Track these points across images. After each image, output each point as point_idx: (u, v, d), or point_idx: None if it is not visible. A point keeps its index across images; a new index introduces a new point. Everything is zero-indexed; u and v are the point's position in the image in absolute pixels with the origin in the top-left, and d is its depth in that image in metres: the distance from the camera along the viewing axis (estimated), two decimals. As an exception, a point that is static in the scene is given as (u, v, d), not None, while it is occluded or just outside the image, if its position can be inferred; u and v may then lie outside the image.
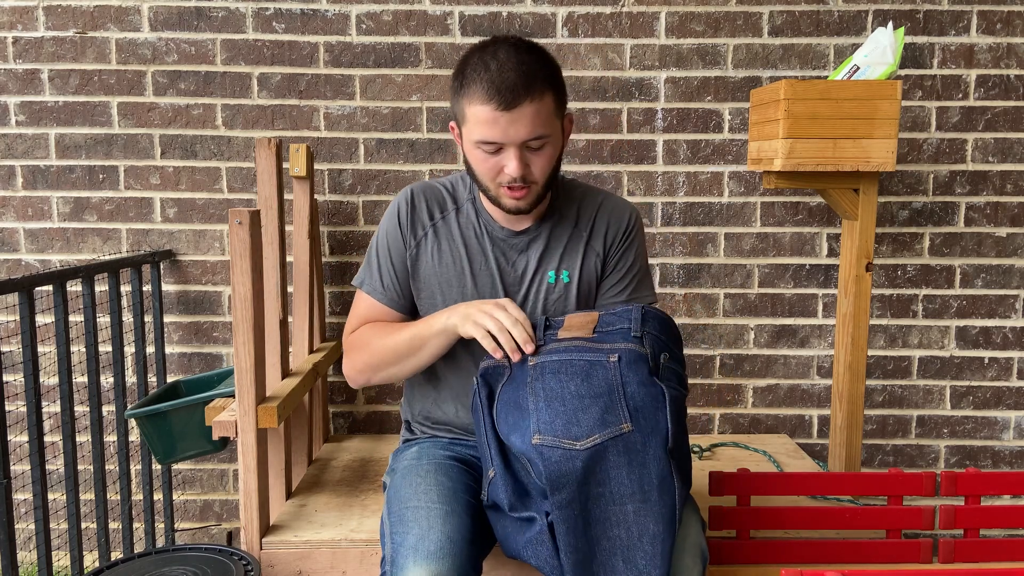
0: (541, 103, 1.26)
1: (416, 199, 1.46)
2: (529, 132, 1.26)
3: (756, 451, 2.22)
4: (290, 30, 2.25)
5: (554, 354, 1.25)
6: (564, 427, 1.16)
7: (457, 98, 1.30)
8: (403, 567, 1.16)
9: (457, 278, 1.44)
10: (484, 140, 1.27)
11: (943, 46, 2.28)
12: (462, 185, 1.49)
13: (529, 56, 1.26)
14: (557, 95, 1.30)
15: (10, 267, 2.31)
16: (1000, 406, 2.40)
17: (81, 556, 1.91)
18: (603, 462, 1.14)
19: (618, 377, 1.19)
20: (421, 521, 1.22)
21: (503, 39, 1.29)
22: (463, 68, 1.28)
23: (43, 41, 2.24)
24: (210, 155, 2.29)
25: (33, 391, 1.72)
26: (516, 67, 1.23)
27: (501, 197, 1.34)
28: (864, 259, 1.93)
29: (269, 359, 1.81)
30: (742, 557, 1.56)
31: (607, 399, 1.17)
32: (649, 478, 1.15)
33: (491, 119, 1.24)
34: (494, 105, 1.23)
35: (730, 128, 2.30)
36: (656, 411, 1.17)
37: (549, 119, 1.29)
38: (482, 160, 1.31)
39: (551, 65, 1.30)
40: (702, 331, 2.37)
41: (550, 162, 1.33)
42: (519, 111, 1.24)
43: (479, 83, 1.24)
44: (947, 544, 1.59)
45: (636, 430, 1.15)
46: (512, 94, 1.22)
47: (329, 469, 2.06)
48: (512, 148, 1.27)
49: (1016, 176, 2.33)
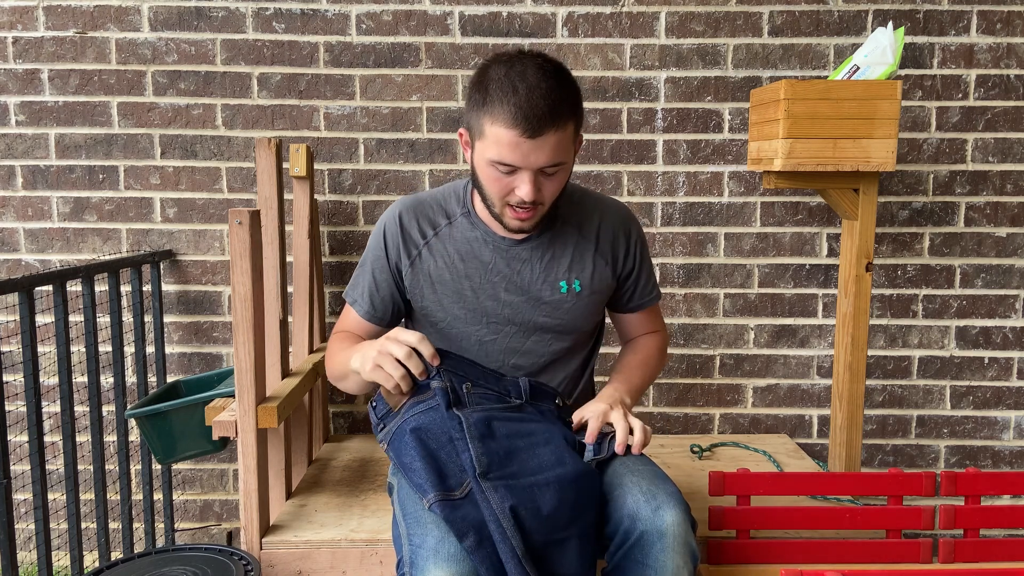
0: (564, 132, 1.25)
1: (406, 219, 1.45)
2: (548, 160, 1.26)
3: (756, 451, 2.22)
4: (290, 30, 2.25)
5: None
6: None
7: (477, 112, 1.27)
8: (423, 569, 1.15)
9: (457, 292, 1.43)
10: (502, 162, 1.26)
11: (943, 46, 2.28)
12: (455, 198, 1.47)
13: (556, 82, 1.24)
14: (577, 122, 1.30)
15: (10, 267, 2.31)
16: (1000, 406, 2.40)
17: (81, 556, 1.91)
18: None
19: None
20: (440, 523, 1.21)
21: (530, 57, 1.26)
22: (486, 83, 1.25)
23: (43, 41, 2.24)
24: (210, 155, 2.29)
25: (33, 391, 1.72)
26: (545, 95, 1.21)
27: (505, 216, 1.34)
28: (864, 259, 1.93)
29: (269, 359, 1.81)
30: (742, 557, 1.56)
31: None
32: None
33: (513, 143, 1.23)
34: (519, 131, 1.21)
35: (730, 128, 2.30)
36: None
37: (568, 146, 1.28)
38: (494, 179, 1.29)
39: (576, 93, 1.28)
40: (702, 331, 2.37)
41: (561, 185, 1.34)
42: (542, 139, 1.23)
43: (505, 105, 1.21)
44: (947, 544, 1.59)
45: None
46: (539, 123, 1.21)
47: (329, 469, 2.06)
48: (527, 172, 1.26)
49: (1016, 176, 2.33)
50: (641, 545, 1.20)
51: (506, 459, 1.23)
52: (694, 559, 1.23)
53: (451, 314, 1.44)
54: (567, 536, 1.21)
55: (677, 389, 2.40)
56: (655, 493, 1.23)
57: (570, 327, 1.46)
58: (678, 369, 2.39)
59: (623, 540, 1.23)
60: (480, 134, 1.27)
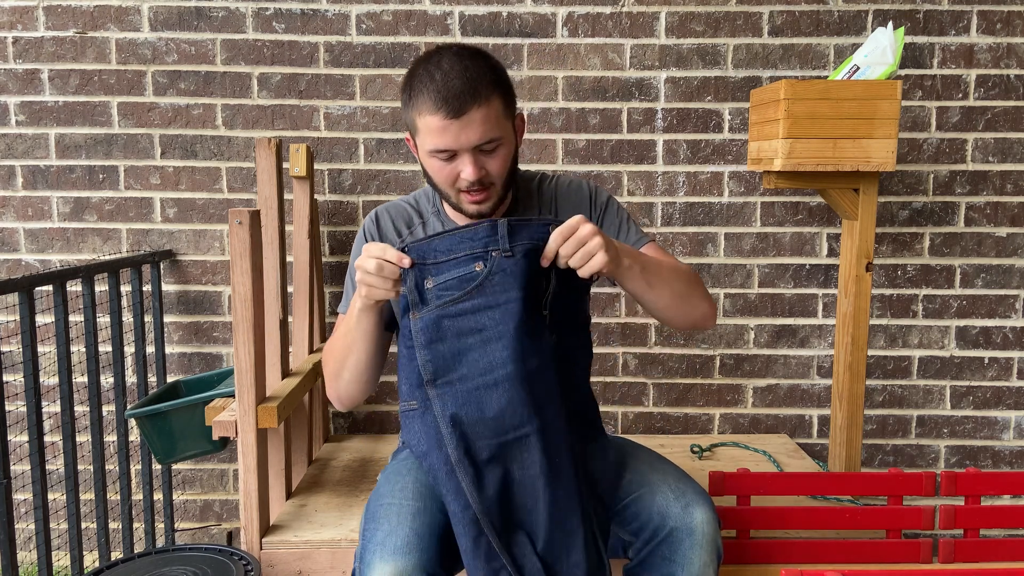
0: (489, 107, 1.27)
1: (381, 220, 1.48)
2: (480, 136, 1.27)
3: (756, 451, 2.22)
4: (290, 30, 2.25)
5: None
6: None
7: (407, 110, 1.31)
8: (370, 563, 1.17)
9: None
10: (437, 149, 1.28)
11: (943, 46, 2.28)
12: (425, 199, 1.51)
13: (472, 62, 1.27)
14: (505, 97, 1.31)
15: (10, 267, 2.31)
16: (1000, 406, 2.40)
17: (81, 556, 1.91)
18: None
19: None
20: (391, 517, 1.23)
21: (446, 48, 1.30)
22: (410, 81, 1.30)
23: (43, 41, 2.24)
24: (210, 155, 2.29)
25: (33, 391, 1.72)
26: (461, 74, 1.25)
27: (462, 203, 1.36)
28: (864, 259, 1.93)
29: (269, 359, 1.81)
30: (742, 557, 1.56)
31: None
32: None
33: (441, 127, 1.26)
34: (443, 114, 1.24)
35: (730, 128, 2.30)
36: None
37: (499, 121, 1.30)
38: (439, 168, 1.32)
39: (496, 69, 1.31)
40: (702, 331, 2.37)
41: (505, 163, 1.34)
42: (468, 117, 1.25)
43: (426, 94, 1.25)
44: (947, 544, 1.59)
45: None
46: (459, 101, 1.24)
47: (329, 469, 2.06)
48: (466, 154, 1.29)
49: (1016, 176, 2.33)
50: (670, 542, 1.22)
51: (453, 362, 1.23)
52: (719, 557, 1.26)
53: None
54: (523, 434, 1.20)
55: (677, 389, 2.40)
56: (683, 491, 1.27)
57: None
58: (678, 369, 2.39)
59: (651, 536, 1.25)
60: (415, 130, 1.31)
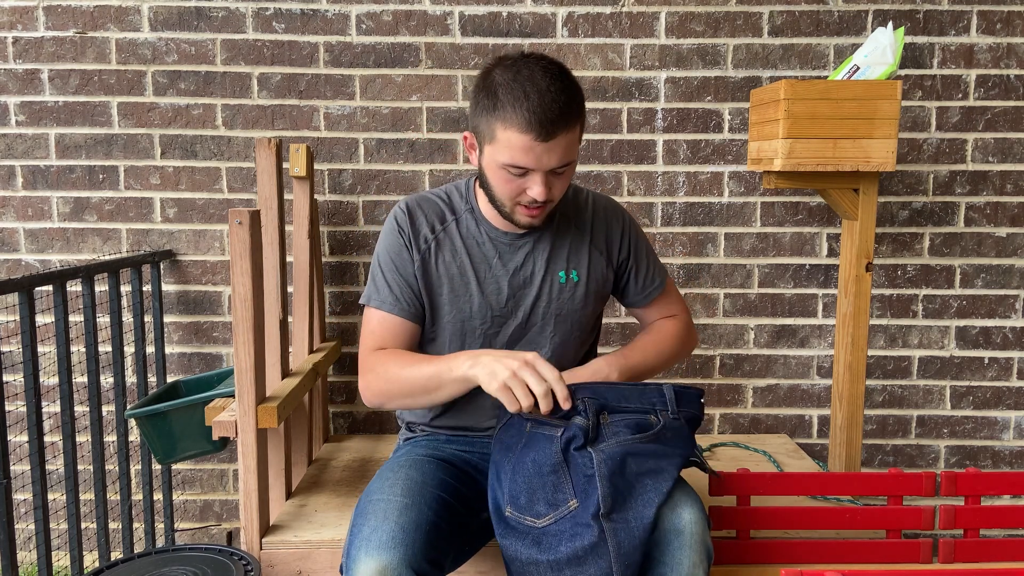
0: (573, 133, 1.30)
1: (414, 212, 1.47)
2: (559, 160, 1.30)
3: (756, 451, 2.22)
4: (290, 30, 2.25)
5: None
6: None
7: (487, 117, 1.29)
8: (356, 558, 1.18)
9: (464, 288, 1.45)
10: (515, 165, 1.29)
11: (943, 46, 2.28)
12: (458, 195, 1.50)
13: (564, 85, 1.27)
14: (583, 121, 1.34)
15: (10, 267, 2.31)
16: (1000, 406, 2.40)
17: (81, 556, 1.91)
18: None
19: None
20: (378, 513, 1.23)
21: (534, 60, 1.29)
22: (494, 88, 1.28)
23: (43, 41, 2.24)
24: (210, 155, 2.29)
25: (33, 391, 1.72)
26: (556, 98, 1.25)
27: (516, 214, 1.38)
28: (864, 259, 1.93)
29: (269, 359, 1.81)
30: (742, 557, 1.56)
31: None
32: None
33: (526, 147, 1.26)
34: (533, 136, 1.25)
35: (730, 128, 2.30)
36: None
37: (576, 145, 1.33)
38: (506, 181, 1.33)
39: (580, 92, 1.32)
40: (702, 331, 2.37)
41: (568, 182, 1.39)
42: (555, 142, 1.27)
43: (518, 111, 1.24)
44: (947, 544, 1.59)
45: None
46: (552, 127, 1.25)
47: (329, 469, 2.06)
48: (539, 174, 1.30)
49: (1016, 176, 2.32)
50: (658, 542, 1.21)
51: (627, 498, 1.21)
52: (709, 557, 1.25)
53: (457, 308, 1.46)
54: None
55: (677, 389, 2.40)
56: (672, 492, 1.25)
57: (568, 315, 1.49)
58: (678, 369, 2.39)
59: None
60: (491, 138, 1.30)
